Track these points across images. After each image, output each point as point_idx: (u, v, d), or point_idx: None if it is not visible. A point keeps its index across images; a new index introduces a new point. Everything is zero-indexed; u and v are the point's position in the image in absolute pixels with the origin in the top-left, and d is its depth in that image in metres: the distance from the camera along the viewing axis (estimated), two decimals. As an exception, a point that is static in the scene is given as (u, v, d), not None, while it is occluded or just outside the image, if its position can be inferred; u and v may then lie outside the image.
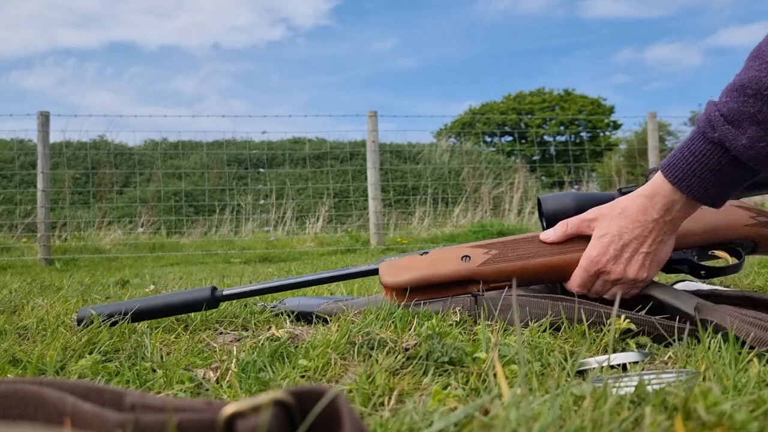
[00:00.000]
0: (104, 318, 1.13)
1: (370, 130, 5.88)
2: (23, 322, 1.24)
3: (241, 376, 0.78)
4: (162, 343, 1.05)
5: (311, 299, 1.46)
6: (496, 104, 29.83)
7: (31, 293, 2.01)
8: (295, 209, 8.26)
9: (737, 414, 0.49)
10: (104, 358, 0.94)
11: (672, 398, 0.55)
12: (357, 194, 8.94)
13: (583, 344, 0.91)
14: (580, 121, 28.44)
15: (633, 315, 0.96)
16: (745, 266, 2.30)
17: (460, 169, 10.12)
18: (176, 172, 9.53)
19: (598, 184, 12.73)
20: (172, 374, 0.81)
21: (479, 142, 20.86)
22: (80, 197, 9.39)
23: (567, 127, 27.46)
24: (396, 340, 0.88)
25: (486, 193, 8.71)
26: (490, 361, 0.77)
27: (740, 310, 0.92)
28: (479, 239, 6.12)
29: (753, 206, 1.19)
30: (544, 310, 1.04)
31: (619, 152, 21.60)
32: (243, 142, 10.69)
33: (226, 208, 8.41)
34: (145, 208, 8.42)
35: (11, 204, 8.87)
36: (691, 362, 0.80)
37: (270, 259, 5.19)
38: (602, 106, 28.57)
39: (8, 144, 10.22)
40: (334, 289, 1.90)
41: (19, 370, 0.86)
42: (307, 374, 0.81)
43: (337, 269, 1.29)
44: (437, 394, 0.64)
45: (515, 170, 10.51)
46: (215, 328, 1.21)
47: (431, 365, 0.78)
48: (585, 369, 0.78)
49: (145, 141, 12.00)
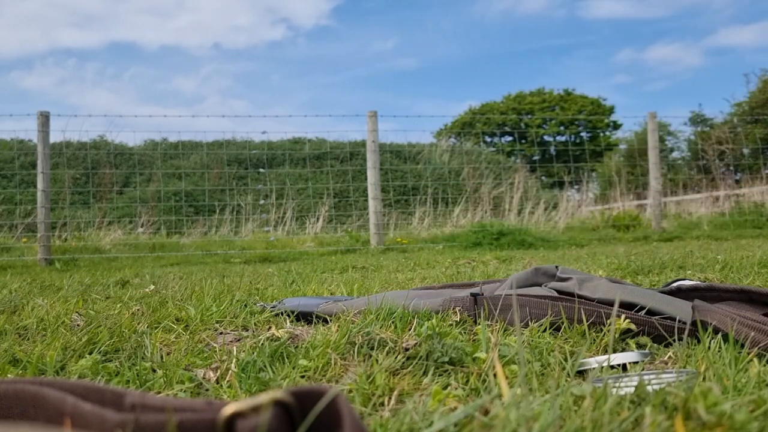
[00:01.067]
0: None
1: (370, 130, 5.88)
2: (23, 322, 1.24)
3: (241, 376, 0.78)
4: (162, 343, 1.05)
5: (311, 299, 1.46)
6: (496, 104, 29.83)
7: (31, 293, 2.01)
8: (295, 209, 8.26)
9: (737, 414, 0.49)
10: (104, 358, 0.94)
11: (672, 398, 0.55)
12: (357, 194, 8.94)
13: (583, 344, 0.91)
14: (580, 121, 28.44)
15: (633, 315, 0.96)
16: (746, 266, 2.30)
17: (460, 169, 10.12)
18: (176, 172, 9.53)
19: (598, 184, 12.73)
20: (172, 374, 0.81)
21: (479, 142, 20.87)
22: (80, 197, 9.39)
23: (567, 127, 27.46)
24: (396, 340, 0.88)
25: (486, 193, 8.71)
26: (490, 361, 0.77)
27: (739, 312, 0.91)
28: (479, 239, 5.98)
29: None
30: (544, 311, 1.04)
31: (619, 152, 21.61)
32: (243, 142, 10.69)
33: (226, 208, 8.41)
34: (145, 208, 8.42)
35: (11, 204, 8.87)
36: (691, 362, 0.80)
37: (270, 259, 5.19)
38: (602, 106, 28.58)
39: (8, 144, 10.23)
40: (334, 289, 1.90)
41: (19, 370, 0.86)
42: (307, 374, 0.81)
43: None
44: (437, 394, 0.64)
45: (515, 170, 10.51)
46: (215, 328, 1.21)
47: (431, 365, 0.78)
48: (585, 369, 0.78)
49: (145, 141, 12.01)
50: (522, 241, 5.41)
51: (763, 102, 17.47)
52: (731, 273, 2.15)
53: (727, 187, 9.73)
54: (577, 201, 9.17)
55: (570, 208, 8.27)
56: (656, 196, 6.47)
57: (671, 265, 2.52)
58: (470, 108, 30.85)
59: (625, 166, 14.19)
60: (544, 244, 5.38)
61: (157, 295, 1.77)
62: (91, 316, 1.27)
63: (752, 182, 9.33)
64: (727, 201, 8.75)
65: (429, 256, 4.22)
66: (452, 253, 4.55)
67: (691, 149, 18.92)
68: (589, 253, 3.88)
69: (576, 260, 3.19)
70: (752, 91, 18.49)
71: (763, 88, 17.86)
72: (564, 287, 1.27)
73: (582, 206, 8.79)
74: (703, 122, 20.46)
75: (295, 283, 2.24)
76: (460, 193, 9.13)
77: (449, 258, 3.95)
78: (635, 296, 1.09)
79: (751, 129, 15.18)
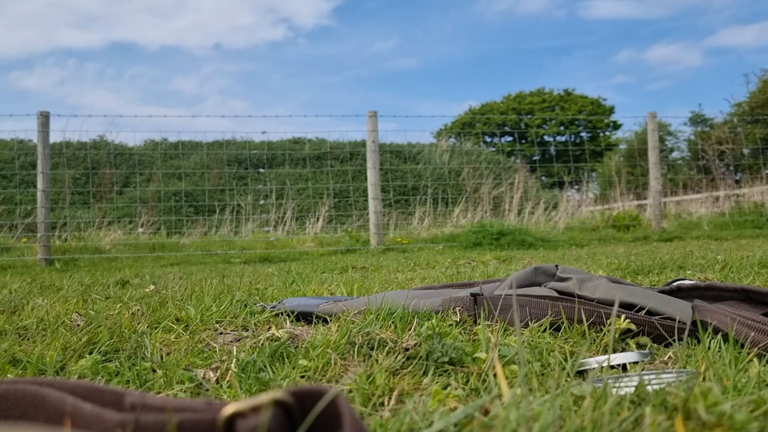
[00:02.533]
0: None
1: (370, 130, 5.88)
2: (23, 322, 1.24)
3: (241, 376, 0.78)
4: (162, 343, 1.05)
5: (311, 299, 1.46)
6: (496, 104, 29.83)
7: (31, 293, 2.01)
8: (295, 209, 8.26)
9: (737, 414, 0.49)
10: (104, 358, 0.94)
11: (672, 398, 0.55)
12: (357, 194, 8.94)
13: (583, 344, 0.91)
14: (580, 122, 28.45)
15: (633, 315, 0.96)
16: (746, 266, 2.30)
17: (460, 169, 10.12)
18: (176, 172, 9.53)
19: (598, 184, 12.72)
20: (172, 374, 0.81)
21: (479, 142, 20.87)
22: (80, 197, 9.39)
23: (567, 127, 27.46)
24: (396, 340, 0.88)
25: (486, 194, 8.71)
26: (490, 361, 0.77)
27: (739, 312, 0.91)
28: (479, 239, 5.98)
29: None
30: (544, 311, 1.04)
31: (619, 152, 21.60)
32: (243, 143, 10.69)
33: (226, 208, 8.41)
34: (145, 209, 8.42)
35: (11, 204, 8.87)
36: (691, 362, 0.80)
37: (270, 259, 5.19)
38: (602, 106, 28.58)
39: (8, 144, 10.23)
40: (334, 289, 1.90)
41: (19, 370, 0.86)
42: (307, 374, 0.81)
43: None
44: (437, 394, 0.64)
45: (515, 170, 10.51)
46: (215, 328, 1.21)
47: (431, 365, 0.78)
48: (585, 369, 0.78)
49: (145, 141, 12.01)
50: (522, 241, 5.41)
51: (763, 102, 17.47)
52: (731, 273, 2.15)
53: (727, 187, 9.73)
54: (577, 201, 9.17)
55: (570, 208, 8.27)
56: (656, 196, 6.47)
57: (671, 265, 2.52)
58: (470, 108, 30.87)
59: (625, 166, 14.19)
60: (544, 244, 5.38)
61: (157, 295, 1.77)
62: (91, 316, 1.27)
63: (752, 182, 9.33)
64: (727, 201, 8.75)
65: (429, 256, 4.22)
66: (452, 253, 4.55)
67: (691, 149, 18.92)
68: (589, 253, 3.88)
69: (576, 260, 3.19)
70: (752, 91, 18.49)
71: (763, 88, 17.86)
72: (564, 287, 1.27)
73: (582, 206, 8.79)
74: (703, 122, 20.46)
75: (295, 283, 2.24)
76: (460, 193, 9.13)
77: (449, 258, 3.95)
78: (635, 296, 1.09)
79: (751, 129, 15.18)
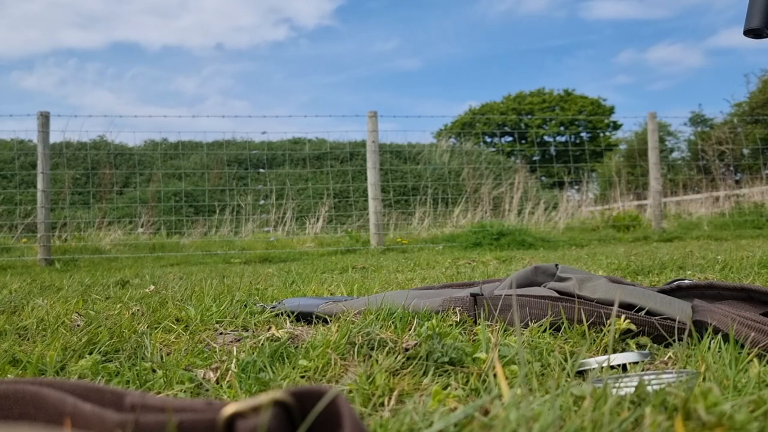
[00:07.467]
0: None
1: (370, 130, 5.88)
2: (23, 322, 1.24)
3: (241, 376, 0.78)
4: (162, 344, 1.05)
5: (311, 300, 1.46)
6: (496, 104, 29.83)
7: (31, 293, 2.01)
8: (295, 209, 8.26)
9: (737, 414, 0.49)
10: (104, 358, 0.94)
11: (672, 398, 0.55)
12: (357, 194, 8.94)
13: (583, 344, 0.91)
14: (580, 122, 28.45)
15: (633, 315, 0.96)
16: (746, 266, 2.30)
17: (460, 169, 10.12)
18: (176, 172, 9.52)
19: (598, 184, 12.72)
20: (172, 374, 0.81)
21: (479, 142, 20.87)
22: (80, 197, 9.39)
23: (567, 127, 27.46)
24: (396, 341, 0.88)
25: (486, 194, 8.71)
26: (490, 361, 0.77)
27: (739, 312, 0.91)
28: (479, 239, 6.00)
29: None
30: (544, 311, 1.04)
31: (619, 152, 21.60)
32: (243, 143, 10.69)
33: (226, 208, 8.41)
34: (145, 209, 8.42)
35: (11, 204, 8.87)
36: (691, 362, 0.80)
37: (270, 260, 5.19)
38: (602, 106, 28.58)
39: (8, 144, 10.22)
40: (334, 289, 1.90)
41: (19, 370, 0.86)
42: (307, 374, 0.81)
43: None
44: (437, 395, 0.64)
45: (515, 171, 10.51)
46: (215, 329, 1.21)
47: (431, 365, 0.78)
48: (585, 369, 0.78)
49: (145, 141, 12.00)
50: (522, 241, 5.41)
51: (763, 102, 17.47)
52: (731, 273, 2.15)
53: (727, 188, 9.73)
54: (577, 201, 9.17)
55: (570, 208, 8.27)
56: (656, 196, 6.47)
57: (671, 265, 2.52)
58: (470, 108, 30.86)
59: (625, 166, 14.18)
60: (544, 244, 5.38)
61: (157, 296, 1.77)
62: (91, 317, 1.27)
63: (752, 182, 9.33)
64: (727, 201, 8.75)
65: (429, 257, 4.22)
66: (452, 254, 4.55)
67: (691, 149, 18.91)
68: (589, 254, 3.88)
69: (576, 260, 3.19)
70: (752, 91, 18.50)
71: (763, 89, 17.86)
72: (564, 287, 1.27)
73: (582, 206, 8.79)
74: (703, 122, 20.46)
75: (295, 283, 2.24)
76: (460, 193, 9.13)
77: (449, 258, 3.95)
78: (635, 296, 1.09)
79: (751, 129, 15.17)
